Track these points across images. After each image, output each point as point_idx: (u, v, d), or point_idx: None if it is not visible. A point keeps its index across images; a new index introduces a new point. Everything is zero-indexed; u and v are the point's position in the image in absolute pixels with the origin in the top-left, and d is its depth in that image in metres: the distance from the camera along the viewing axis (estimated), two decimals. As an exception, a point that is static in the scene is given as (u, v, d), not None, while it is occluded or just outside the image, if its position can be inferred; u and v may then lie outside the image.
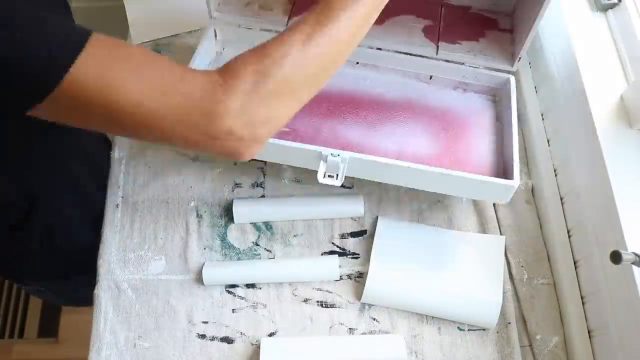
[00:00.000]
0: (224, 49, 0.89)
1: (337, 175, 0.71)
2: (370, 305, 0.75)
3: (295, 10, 0.88)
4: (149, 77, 0.49)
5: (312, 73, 0.54)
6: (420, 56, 0.84)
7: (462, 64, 0.83)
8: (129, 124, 0.50)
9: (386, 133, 0.80)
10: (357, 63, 0.87)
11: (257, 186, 0.83)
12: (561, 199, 0.82)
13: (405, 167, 0.69)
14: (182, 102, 0.49)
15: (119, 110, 0.48)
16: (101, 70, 0.47)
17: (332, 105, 0.83)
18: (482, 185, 0.70)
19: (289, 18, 0.87)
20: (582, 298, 0.75)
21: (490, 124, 0.82)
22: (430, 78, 0.86)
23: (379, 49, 0.84)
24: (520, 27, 0.82)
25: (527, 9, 0.80)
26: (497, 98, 0.85)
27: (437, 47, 0.84)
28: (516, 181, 0.69)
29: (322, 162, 0.71)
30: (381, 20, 0.85)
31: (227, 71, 0.51)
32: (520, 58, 0.81)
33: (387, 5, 0.57)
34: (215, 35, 0.87)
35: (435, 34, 0.86)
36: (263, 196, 0.83)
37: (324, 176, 0.71)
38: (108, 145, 0.88)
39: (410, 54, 0.84)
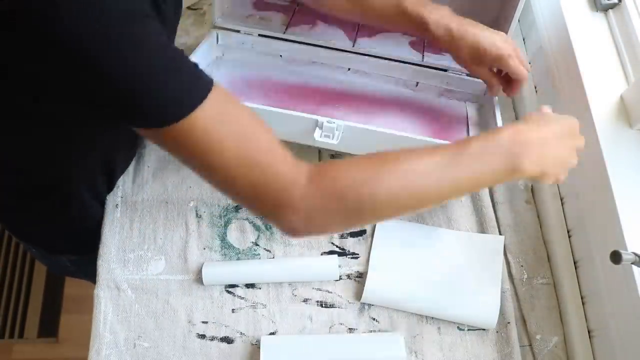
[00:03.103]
0: (223, 54, 0.91)
1: (333, 135, 0.71)
2: (370, 305, 0.75)
3: (293, 21, 0.92)
4: (247, 147, 0.52)
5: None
6: (407, 62, 0.88)
7: (446, 70, 0.87)
8: (207, 173, 0.54)
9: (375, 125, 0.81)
10: (349, 69, 0.90)
11: (257, 186, 0.83)
12: (561, 199, 0.82)
13: (398, 136, 0.71)
14: (265, 180, 0.53)
15: (207, 163, 0.52)
16: (208, 126, 0.50)
17: (324, 98, 0.86)
18: None
19: (287, 27, 0.90)
20: (582, 298, 0.75)
21: (474, 122, 0.86)
22: (417, 85, 0.89)
23: (369, 55, 0.88)
24: None
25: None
26: (479, 105, 0.88)
27: (423, 55, 0.89)
28: None
29: (317, 129, 0.72)
30: (370, 34, 0.91)
31: (320, 174, 0.55)
32: None
33: (374, 25, 0.57)
34: (217, 40, 0.89)
35: (420, 46, 0.91)
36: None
37: (320, 136, 0.72)
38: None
39: (398, 60, 0.88)
